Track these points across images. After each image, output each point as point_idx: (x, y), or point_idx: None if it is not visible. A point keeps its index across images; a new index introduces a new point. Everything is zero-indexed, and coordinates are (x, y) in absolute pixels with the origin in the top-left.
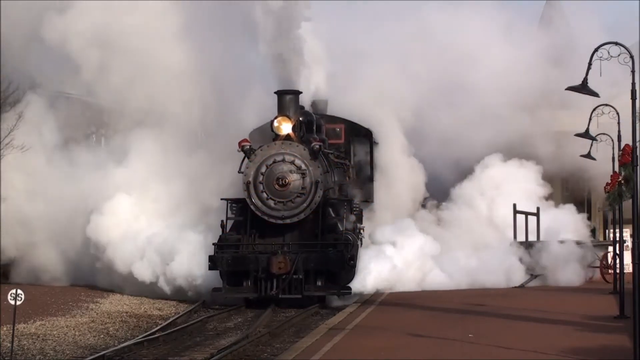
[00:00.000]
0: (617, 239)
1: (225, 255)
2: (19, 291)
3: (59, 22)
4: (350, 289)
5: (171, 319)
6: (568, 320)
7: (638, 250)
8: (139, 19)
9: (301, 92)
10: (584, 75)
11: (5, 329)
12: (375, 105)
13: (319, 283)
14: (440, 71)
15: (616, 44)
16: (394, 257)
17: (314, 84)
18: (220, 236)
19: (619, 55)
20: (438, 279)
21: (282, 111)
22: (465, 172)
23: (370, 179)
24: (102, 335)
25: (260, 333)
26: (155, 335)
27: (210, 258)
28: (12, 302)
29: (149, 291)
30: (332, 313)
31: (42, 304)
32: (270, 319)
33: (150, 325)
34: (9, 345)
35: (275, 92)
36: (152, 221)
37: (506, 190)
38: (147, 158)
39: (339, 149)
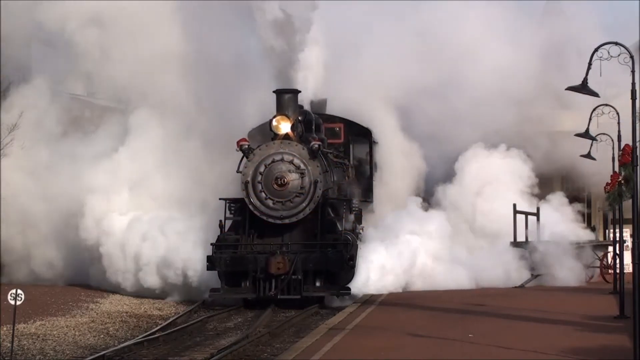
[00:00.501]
0: (617, 239)
1: (223, 256)
2: (19, 291)
3: (56, 7)
4: (349, 289)
5: (171, 319)
6: (568, 320)
7: (638, 250)
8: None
9: (300, 91)
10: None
11: (5, 329)
12: (372, 100)
13: (318, 283)
14: (434, 67)
15: (616, 44)
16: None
17: (312, 82)
18: (218, 236)
19: (619, 55)
20: (440, 278)
21: (280, 110)
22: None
23: (370, 179)
24: (102, 335)
25: (260, 333)
26: (155, 335)
27: (209, 258)
28: (12, 302)
29: (144, 291)
30: (332, 313)
31: (42, 304)
32: (270, 319)
33: (150, 325)
34: (9, 345)
35: (274, 91)
36: (145, 216)
37: (493, 189)
38: (143, 147)
39: (338, 148)
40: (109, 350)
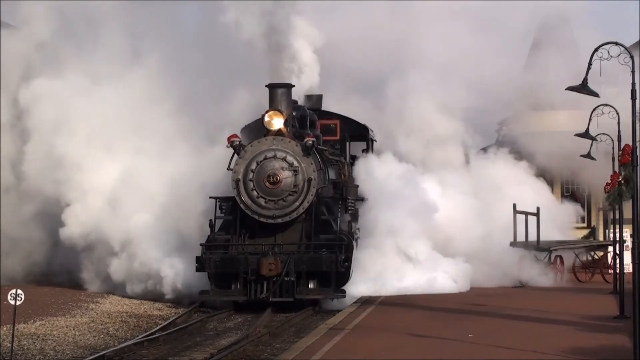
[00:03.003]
0: (617, 238)
1: (213, 257)
2: (19, 291)
3: None
4: (344, 291)
5: (171, 319)
6: (568, 320)
7: (638, 250)
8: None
9: (293, 86)
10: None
11: (5, 329)
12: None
13: (312, 285)
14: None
15: (616, 44)
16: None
17: (307, 76)
18: (208, 236)
19: (619, 55)
20: (441, 282)
21: (273, 105)
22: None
23: None
24: (102, 335)
25: (260, 333)
26: (155, 335)
27: (198, 259)
28: (12, 302)
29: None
30: (332, 313)
31: (42, 304)
32: (270, 319)
33: (150, 325)
34: (9, 345)
35: (266, 86)
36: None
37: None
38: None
39: (334, 145)
40: (109, 350)
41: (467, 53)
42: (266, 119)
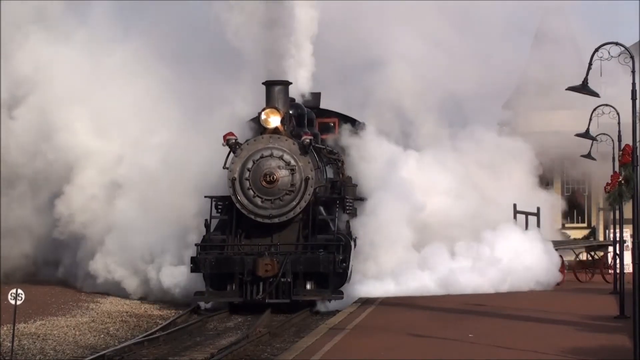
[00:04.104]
0: (617, 238)
1: (208, 257)
2: (19, 291)
3: None
4: (342, 293)
5: (171, 319)
6: (568, 320)
7: (638, 250)
8: None
9: (291, 83)
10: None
11: (5, 328)
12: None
13: (309, 286)
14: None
15: (616, 44)
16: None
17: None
18: (203, 236)
19: (619, 55)
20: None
21: (270, 103)
22: None
23: None
24: (102, 335)
25: (260, 333)
26: (156, 335)
27: (193, 260)
28: (12, 302)
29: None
30: (332, 313)
31: (42, 304)
32: (270, 319)
33: (150, 325)
34: (9, 345)
35: (263, 83)
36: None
37: None
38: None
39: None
40: (109, 350)
41: (462, 46)
42: (263, 116)
